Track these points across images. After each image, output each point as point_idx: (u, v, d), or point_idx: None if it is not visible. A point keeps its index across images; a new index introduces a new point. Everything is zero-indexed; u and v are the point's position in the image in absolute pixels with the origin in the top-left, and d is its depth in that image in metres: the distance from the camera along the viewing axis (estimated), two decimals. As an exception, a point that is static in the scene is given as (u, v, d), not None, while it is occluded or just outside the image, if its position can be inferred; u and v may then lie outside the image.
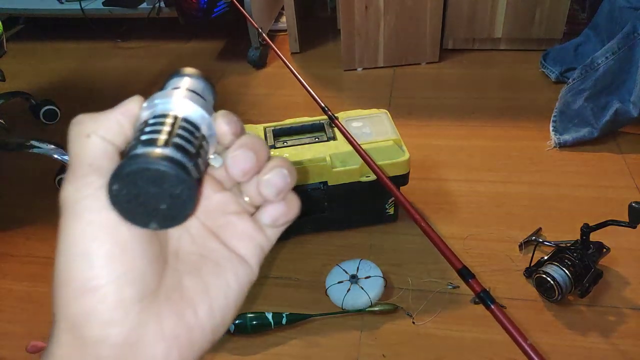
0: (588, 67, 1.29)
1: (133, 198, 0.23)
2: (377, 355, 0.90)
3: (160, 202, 0.24)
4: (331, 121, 0.66)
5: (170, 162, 0.23)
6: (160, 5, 1.88)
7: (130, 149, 0.24)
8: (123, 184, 0.23)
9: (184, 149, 0.24)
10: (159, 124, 0.25)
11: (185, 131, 0.25)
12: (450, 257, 0.37)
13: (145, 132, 0.25)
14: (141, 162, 0.23)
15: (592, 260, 0.94)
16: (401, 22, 1.68)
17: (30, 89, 1.76)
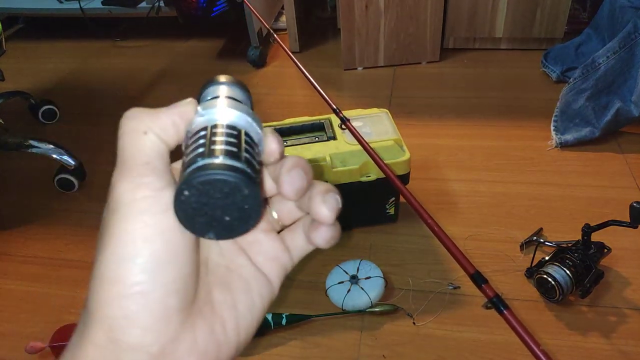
0: (589, 66, 1.29)
1: (200, 207, 0.23)
2: (378, 356, 0.90)
3: (225, 213, 0.24)
4: (342, 123, 0.66)
5: (247, 179, 0.23)
6: (159, 4, 1.88)
7: (199, 156, 0.23)
8: (195, 192, 0.23)
9: (253, 166, 0.24)
10: (231, 136, 0.25)
11: (250, 148, 0.25)
12: (462, 261, 0.36)
13: (216, 142, 0.24)
14: (220, 174, 0.23)
15: (593, 260, 0.94)
16: (401, 21, 1.68)
17: (29, 88, 1.75)
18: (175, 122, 0.25)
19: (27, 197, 1.35)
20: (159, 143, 0.25)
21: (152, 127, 0.25)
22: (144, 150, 0.24)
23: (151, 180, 0.24)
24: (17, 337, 0.98)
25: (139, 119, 0.25)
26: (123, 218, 0.23)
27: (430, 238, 1.12)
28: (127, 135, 0.25)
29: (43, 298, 1.06)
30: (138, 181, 0.24)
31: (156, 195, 0.23)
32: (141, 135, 0.24)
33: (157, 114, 0.25)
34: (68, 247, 1.18)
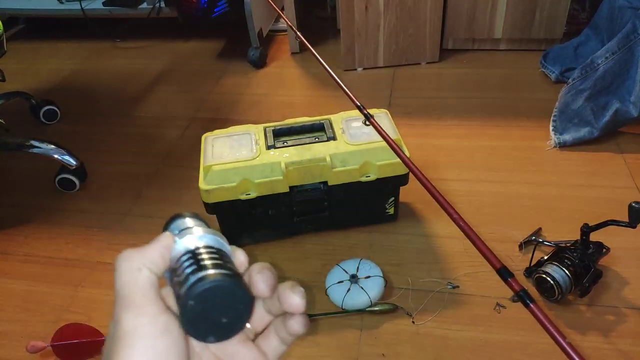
0: (588, 67, 1.29)
1: (202, 313, 0.27)
2: (377, 355, 0.90)
3: (222, 316, 0.28)
4: (367, 119, 0.67)
5: (238, 281, 0.28)
6: (160, 5, 1.88)
7: (193, 273, 0.28)
8: (198, 301, 0.27)
9: (237, 273, 0.29)
10: (212, 253, 0.30)
11: (228, 259, 0.30)
12: (489, 256, 0.39)
13: (204, 259, 0.29)
14: (218, 281, 0.27)
15: (592, 260, 0.94)
16: (401, 22, 1.68)
17: (30, 89, 1.76)
18: (163, 254, 0.30)
19: (28, 197, 1.36)
20: (151, 275, 0.29)
21: (145, 263, 0.30)
22: (139, 285, 0.29)
23: (148, 309, 0.28)
24: (18, 337, 0.99)
25: (132, 258, 0.30)
26: (127, 344, 0.27)
27: (430, 237, 1.12)
28: (125, 274, 0.29)
29: (44, 297, 1.07)
30: (138, 311, 0.28)
31: (153, 321, 0.28)
32: (136, 272, 0.29)
33: (147, 252, 0.30)
34: (69, 246, 1.18)
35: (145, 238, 1.10)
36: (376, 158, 1.03)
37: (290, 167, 1.01)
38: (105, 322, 0.99)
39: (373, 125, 0.57)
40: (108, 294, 1.06)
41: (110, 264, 1.12)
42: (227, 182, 1.00)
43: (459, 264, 1.05)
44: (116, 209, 1.27)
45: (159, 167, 1.41)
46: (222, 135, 1.09)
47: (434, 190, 0.43)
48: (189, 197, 1.28)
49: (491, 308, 0.96)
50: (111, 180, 1.37)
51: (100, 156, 1.47)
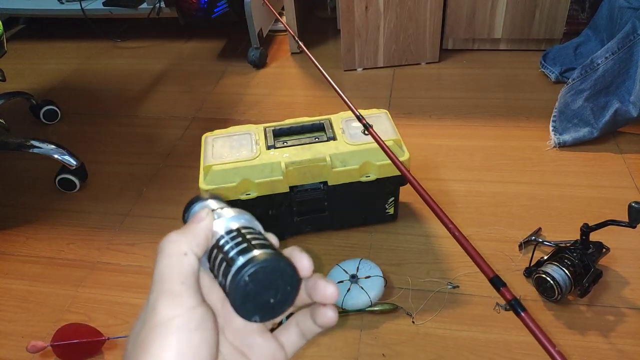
0: (588, 67, 1.29)
1: (253, 292, 0.27)
2: (377, 355, 0.90)
3: (271, 296, 0.28)
4: (365, 129, 0.67)
5: (291, 264, 0.29)
6: (160, 5, 1.88)
7: (244, 251, 0.28)
8: (250, 280, 0.27)
9: (282, 253, 0.30)
10: (255, 233, 0.30)
11: (266, 238, 0.31)
12: (482, 264, 0.39)
13: (247, 240, 0.29)
14: (269, 260, 0.27)
15: (591, 260, 0.94)
16: (401, 22, 1.68)
17: (30, 89, 1.76)
18: (207, 236, 0.30)
19: (28, 197, 1.36)
20: (195, 260, 0.29)
21: (192, 247, 0.29)
22: (182, 270, 0.28)
23: (186, 299, 0.27)
24: (18, 337, 0.99)
25: (179, 242, 0.29)
26: (162, 334, 0.27)
27: (430, 237, 1.12)
28: (169, 257, 0.28)
29: (44, 297, 1.07)
30: (176, 301, 0.27)
31: (190, 313, 0.27)
32: (182, 257, 0.28)
33: (193, 234, 0.30)
34: (69, 246, 1.18)
35: (145, 238, 1.11)
36: (376, 158, 1.03)
37: (290, 167, 1.01)
38: (105, 322, 1.00)
39: (372, 135, 0.57)
40: (108, 294, 1.06)
41: (111, 264, 1.12)
42: (227, 182, 1.00)
43: (459, 264, 1.05)
44: (116, 209, 1.28)
45: (159, 167, 1.42)
46: (222, 135, 1.09)
47: (430, 200, 0.43)
48: (189, 197, 1.28)
49: (491, 308, 0.96)
50: (111, 181, 1.38)
51: (101, 156, 1.47)
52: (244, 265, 0.27)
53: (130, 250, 1.16)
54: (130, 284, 1.08)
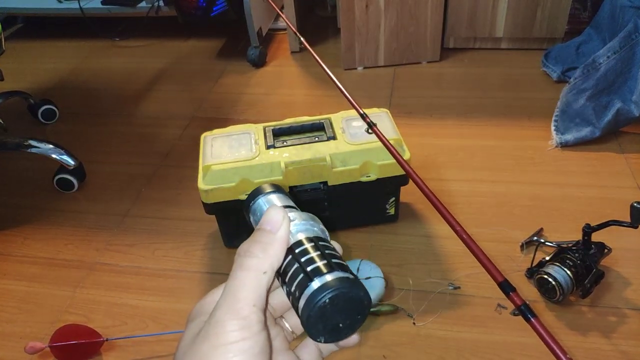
0: (589, 66, 1.28)
1: (327, 314, 0.27)
2: (378, 356, 0.89)
3: (341, 321, 0.28)
4: (369, 127, 0.67)
5: (362, 286, 0.28)
6: (159, 4, 1.88)
7: (323, 269, 0.28)
8: (333, 302, 0.27)
9: (355, 275, 0.29)
10: (331, 249, 0.29)
11: (336, 251, 0.30)
12: (491, 269, 0.38)
13: (329, 256, 0.28)
14: (354, 287, 0.27)
15: (593, 260, 0.93)
16: (402, 20, 1.67)
17: (28, 88, 1.75)
18: (285, 248, 0.29)
19: (26, 197, 1.35)
20: (272, 277, 0.28)
21: (273, 265, 0.29)
22: (258, 291, 0.28)
23: (254, 323, 0.27)
24: (17, 337, 0.98)
25: (261, 259, 0.28)
26: (225, 357, 0.26)
27: (431, 238, 1.12)
28: (248, 272, 0.28)
29: (42, 298, 1.06)
30: (243, 323, 0.27)
31: (255, 338, 0.27)
32: (261, 275, 0.28)
33: (275, 250, 0.29)
34: (67, 247, 1.18)
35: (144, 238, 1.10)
36: (376, 158, 1.02)
37: (290, 167, 1.01)
38: (104, 323, 0.99)
39: (376, 134, 0.56)
40: (107, 295, 1.05)
41: (109, 264, 1.12)
42: (227, 182, 1.00)
43: (460, 265, 1.04)
44: (115, 210, 1.27)
45: (158, 167, 1.41)
46: (222, 134, 1.08)
47: (437, 200, 0.42)
48: (188, 197, 1.28)
49: (492, 309, 0.95)
50: (110, 181, 1.37)
51: (99, 156, 1.47)
52: (327, 286, 0.27)
53: (128, 250, 1.15)
54: (128, 284, 1.07)
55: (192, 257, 1.12)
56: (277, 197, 0.33)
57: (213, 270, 1.09)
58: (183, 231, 1.19)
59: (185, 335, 0.29)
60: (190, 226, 1.20)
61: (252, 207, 0.33)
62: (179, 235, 1.18)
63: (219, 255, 1.12)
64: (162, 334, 0.96)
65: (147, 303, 1.03)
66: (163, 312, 1.01)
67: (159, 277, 1.08)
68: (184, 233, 1.18)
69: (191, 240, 1.16)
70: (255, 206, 0.33)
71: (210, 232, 1.17)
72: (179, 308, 1.01)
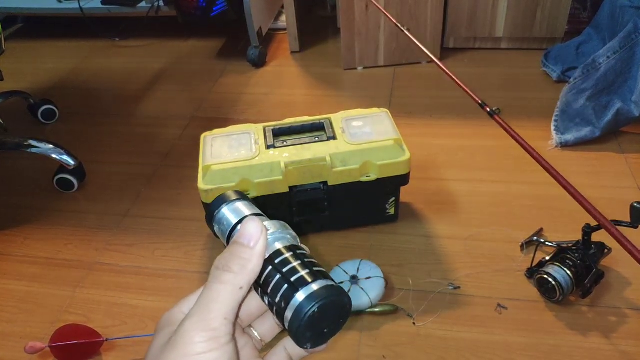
0: (589, 66, 1.28)
1: (314, 322, 0.28)
2: (378, 356, 0.89)
3: (326, 326, 0.29)
4: (491, 116, 0.66)
5: (345, 293, 0.29)
6: (159, 4, 1.88)
7: (308, 279, 0.28)
8: (321, 310, 0.27)
9: (335, 281, 0.30)
10: (309, 257, 0.30)
11: (312, 258, 0.31)
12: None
13: (309, 264, 0.29)
14: (339, 294, 0.28)
15: (593, 260, 0.93)
16: (402, 20, 1.67)
17: (28, 88, 1.75)
18: (262, 263, 0.29)
19: (26, 197, 1.35)
20: (246, 293, 0.29)
21: (248, 281, 0.29)
22: (231, 305, 0.28)
23: (223, 336, 0.27)
24: (17, 337, 0.98)
25: (238, 273, 0.29)
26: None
27: (431, 238, 1.12)
28: (225, 286, 0.28)
29: (42, 298, 1.06)
30: (211, 334, 0.27)
31: (223, 349, 0.27)
32: (237, 290, 0.28)
33: (253, 264, 0.29)
34: (67, 247, 1.18)
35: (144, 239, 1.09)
36: (376, 158, 1.02)
37: (290, 167, 1.00)
38: (103, 323, 0.99)
39: (499, 123, 0.55)
40: (106, 295, 1.05)
41: (109, 264, 1.12)
42: (227, 182, 1.00)
43: (460, 265, 1.04)
44: (115, 210, 1.27)
45: (158, 167, 1.41)
46: (222, 134, 1.08)
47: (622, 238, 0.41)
48: (188, 197, 1.28)
49: (492, 309, 0.95)
50: (110, 181, 1.37)
51: (99, 156, 1.46)
52: (314, 296, 0.27)
53: (128, 250, 1.15)
54: (128, 284, 1.07)
55: (192, 257, 1.12)
56: (243, 205, 0.33)
57: (213, 270, 1.09)
58: (183, 231, 1.19)
59: (153, 344, 0.30)
60: (190, 226, 1.20)
61: (217, 217, 0.32)
62: (179, 235, 1.18)
63: (218, 255, 1.12)
64: (162, 334, 0.96)
65: (147, 303, 1.03)
66: (163, 312, 1.00)
67: (158, 277, 1.08)
68: (184, 233, 1.18)
69: (191, 240, 1.16)
70: (220, 216, 0.32)
71: (210, 232, 1.17)
72: (179, 308, 1.01)
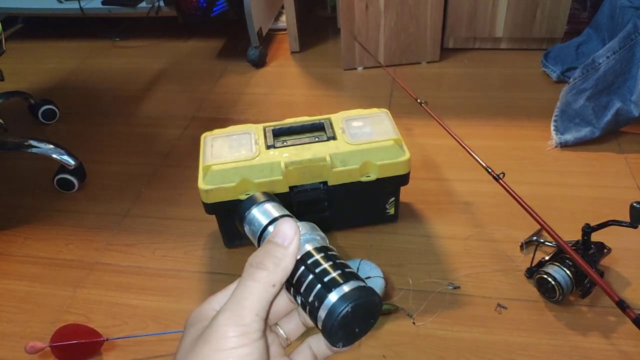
0: (589, 66, 1.28)
1: (347, 322, 0.29)
2: (378, 356, 0.90)
3: (357, 326, 0.30)
4: (496, 180, 0.67)
5: (375, 292, 0.29)
6: (159, 4, 1.88)
7: (340, 279, 0.29)
8: (355, 310, 0.28)
9: (364, 280, 0.30)
10: (339, 257, 0.31)
11: (342, 259, 0.31)
12: (607, 290, 0.40)
13: (341, 265, 0.30)
14: (371, 294, 0.29)
15: (593, 260, 0.93)
16: (402, 21, 1.68)
17: (29, 88, 1.75)
18: (294, 262, 0.30)
19: (26, 198, 1.35)
20: (278, 291, 0.29)
21: (283, 278, 0.29)
22: (263, 302, 0.29)
23: (255, 331, 0.28)
24: (17, 337, 0.98)
25: (272, 271, 0.29)
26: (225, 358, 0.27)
27: (431, 238, 1.12)
28: (258, 283, 0.29)
29: (43, 298, 1.06)
30: (244, 330, 0.28)
31: (254, 345, 0.28)
32: (270, 287, 0.29)
33: (287, 263, 0.30)
34: (68, 247, 1.18)
35: (144, 239, 1.10)
36: (376, 158, 1.02)
37: (290, 167, 1.01)
38: (104, 323, 0.99)
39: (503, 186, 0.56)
40: (107, 295, 1.05)
41: (109, 264, 1.12)
42: (227, 182, 1.00)
43: (460, 265, 1.04)
44: (115, 210, 1.27)
45: (158, 167, 1.41)
46: (222, 134, 1.08)
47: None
48: (188, 198, 1.28)
49: (492, 309, 0.95)
50: (110, 181, 1.37)
51: (100, 156, 1.47)
52: (347, 297, 0.28)
53: (129, 250, 1.15)
54: (129, 284, 1.07)
55: (192, 257, 1.12)
56: (272, 207, 0.34)
57: (213, 270, 1.09)
58: (183, 231, 1.19)
59: (184, 340, 0.30)
60: (190, 226, 1.20)
61: (248, 217, 0.33)
62: (179, 235, 1.18)
63: (219, 255, 1.12)
64: (163, 334, 0.96)
65: (148, 303, 1.03)
66: (163, 312, 1.01)
67: (159, 277, 1.08)
68: (184, 233, 1.18)
69: (191, 240, 1.16)
70: (251, 217, 0.33)
71: (210, 232, 1.17)
72: (179, 308, 1.02)
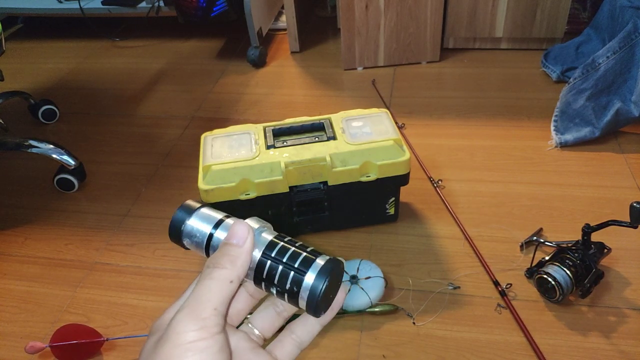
0: (589, 66, 1.28)
1: (325, 292, 0.30)
2: (378, 356, 0.90)
3: (332, 293, 0.32)
4: (502, 296, 0.68)
5: (342, 262, 0.33)
6: (159, 4, 1.88)
7: (310, 257, 0.31)
8: (328, 281, 0.30)
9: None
10: (292, 242, 0.32)
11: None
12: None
13: (302, 247, 0.32)
14: (336, 262, 0.31)
15: (593, 260, 0.93)
16: (402, 21, 1.68)
17: (29, 88, 1.75)
18: (250, 259, 0.31)
19: (26, 198, 1.35)
20: (236, 288, 0.30)
21: (240, 274, 0.30)
22: (221, 297, 0.29)
23: (213, 326, 0.28)
24: (17, 337, 0.98)
25: (229, 269, 0.30)
26: (184, 355, 0.27)
27: (430, 238, 1.12)
28: (216, 281, 0.29)
29: (43, 298, 1.06)
30: (201, 324, 0.28)
31: (213, 338, 0.28)
32: (227, 283, 0.30)
33: (241, 260, 0.30)
34: (68, 247, 1.18)
35: (144, 238, 1.10)
36: (376, 158, 1.02)
37: (290, 167, 1.01)
38: (104, 323, 0.99)
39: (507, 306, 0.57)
40: (107, 295, 1.05)
41: (109, 264, 1.12)
42: (227, 182, 1.00)
43: (460, 265, 1.04)
44: (115, 210, 1.27)
45: (158, 167, 1.41)
46: (222, 134, 1.08)
47: None
48: (188, 198, 1.27)
49: (492, 309, 0.95)
50: (110, 181, 1.37)
51: (100, 156, 1.47)
52: (322, 271, 0.30)
53: (129, 250, 1.15)
54: (129, 284, 1.07)
55: (192, 256, 1.12)
56: (208, 211, 0.34)
57: (213, 270, 1.09)
58: (183, 231, 1.19)
59: (146, 346, 0.30)
60: (191, 226, 1.20)
61: (185, 230, 0.34)
62: (179, 235, 1.18)
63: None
64: (162, 334, 0.96)
65: (148, 303, 1.03)
66: (163, 311, 1.01)
67: (159, 277, 1.08)
68: (184, 233, 1.18)
69: (191, 240, 1.16)
70: (189, 228, 0.34)
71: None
72: (179, 308, 1.01)
